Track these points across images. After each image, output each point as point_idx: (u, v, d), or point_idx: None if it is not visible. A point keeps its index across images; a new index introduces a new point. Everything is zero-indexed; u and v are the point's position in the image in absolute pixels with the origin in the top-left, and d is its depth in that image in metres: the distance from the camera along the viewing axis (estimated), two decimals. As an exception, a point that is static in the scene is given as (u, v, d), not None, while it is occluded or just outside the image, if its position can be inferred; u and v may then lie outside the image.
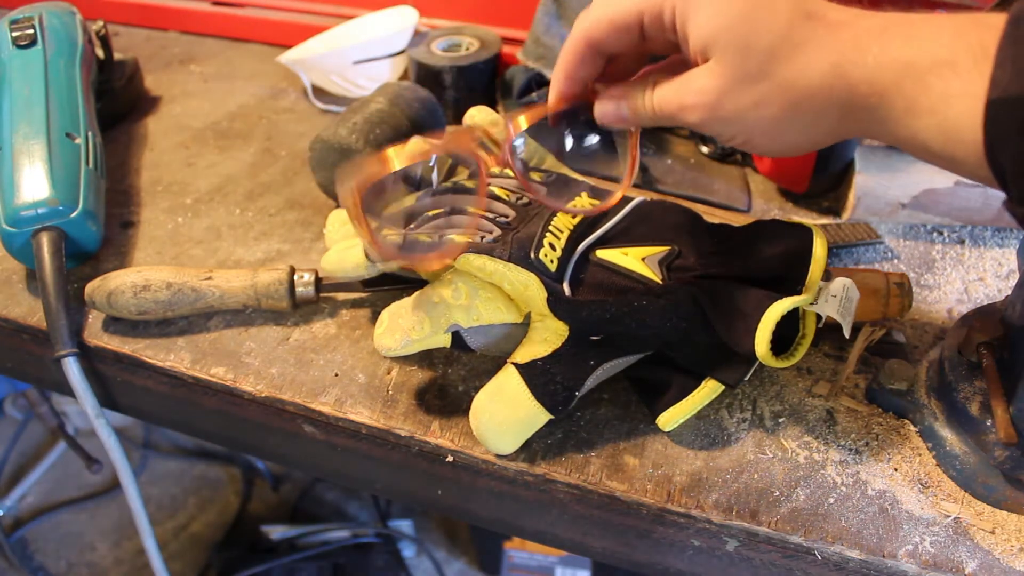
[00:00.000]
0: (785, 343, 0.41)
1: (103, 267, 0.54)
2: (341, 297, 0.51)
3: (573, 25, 0.39)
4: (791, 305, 0.38)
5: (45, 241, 0.48)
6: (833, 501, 0.39)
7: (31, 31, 0.59)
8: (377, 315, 0.47)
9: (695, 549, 0.41)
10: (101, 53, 0.68)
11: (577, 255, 0.42)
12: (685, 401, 0.41)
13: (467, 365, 0.46)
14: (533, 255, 0.40)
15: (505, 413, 0.39)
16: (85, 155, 0.54)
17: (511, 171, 0.42)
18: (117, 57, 0.71)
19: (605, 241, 0.44)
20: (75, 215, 0.50)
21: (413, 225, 0.43)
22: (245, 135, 0.69)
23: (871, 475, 0.40)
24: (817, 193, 0.60)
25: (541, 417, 0.40)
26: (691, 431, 0.42)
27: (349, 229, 0.51)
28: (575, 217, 0.45)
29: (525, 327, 0.42)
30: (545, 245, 0.41)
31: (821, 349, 0.47)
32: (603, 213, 0.47)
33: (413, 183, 0.48)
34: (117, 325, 0.49)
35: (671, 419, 0.41)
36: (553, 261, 0.41)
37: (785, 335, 0.40)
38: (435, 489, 0.46)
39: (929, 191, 0.55)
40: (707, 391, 0.41)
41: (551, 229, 0.42)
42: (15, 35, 0.58)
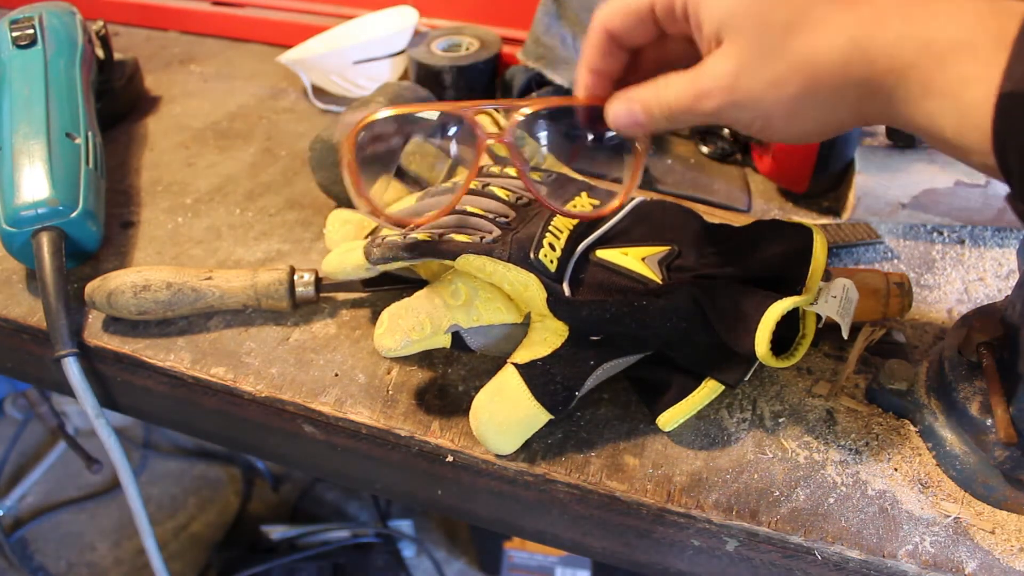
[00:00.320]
0: (785, 343, 0.41)
1: (103, 267, 0.54)
2: (341, 297, 0.51)
3: (592, 16, 0.38)
4: (791, 305, 0.38)
5: (45, 241, 0.48)
6: (833, 501, 0.39)
7: (31, 31, 0.59)
8: (377, 315, 0.47)
9: (695, 549, 0.41)
10: (101, 53, 0.68)
11: (577, 255, 0.42)
12: (685, 401, 0.41)
13: (467, 365, 0.46)
14: (533, 255, 0.40)
15: (505, 413, 0.39)
16: (85, 155, 0.54)
17: (512, 169, 0.42)
18: (117, 57, 0.71)
19: (605, 241, 0.44)
20: (75, 215, 0.50)
21: (412, 226, 0.43)
22: (245, 135, 0.69)
23: (871, 475, 0.40)
24: (817, 193, 0.60)
25: (541, 417, 0.40)
26: (691, 431, 0.42)
27: (349, 229, 0.51)
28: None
29: (525, 327, 0.42)
30: (545, 245, 0.41)
31: (821, 349, 0.47)
32: (603, 213, 0.47)
33: (413, 181, 0.48)
34: (117, 325, 0.49)
35: (671, 419, 0.41)
36: (553, 261, 0.41)
37: (785, 335, 0.40)
38: (435, 489, 0.46)
39: (929, 191, 0.55)
40: (707, 391, 0.41)
41: (551, 229, 0.42)
42: (15, 35, 0.58)
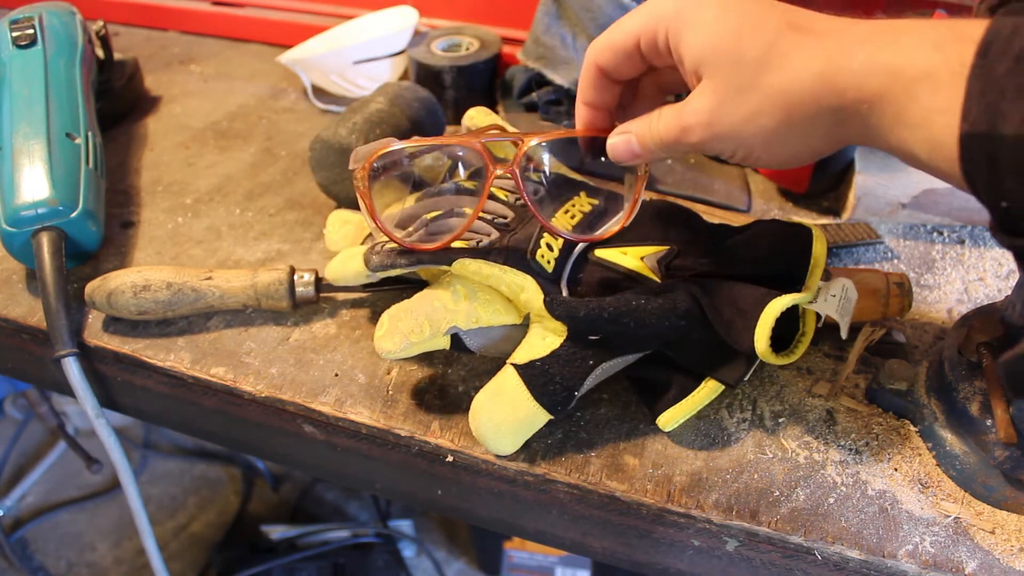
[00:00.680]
0: (784, 343, 0.41)
1: (103, 267, 0.54)
2: (341, 297, 0.51)
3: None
4: (791, 302, 0.38)
5: (45, 241, 0.48)
6: (833, 501, 0.39)
7: (31, 31, 0.59)
8: (377, 315, 0.47)
9: (695, 549, 0.41)
10: (101, 53, 0.68)
11: (576, 254, 0.42)
12: (685, 401, 0.41)
13: (467, 365, 0.46)
14: (529, 257, 0.40)
15: (504, 413, 0.39)
16: (85, 155, 0.54)
17: (514, 182, 0.42)
18: (117, 57, 0.71)
19: (604, 240, 0.44)
20: (75, 215, 0.50)
21: (412, 228, 0.43)
22: (245, 135, 0.69)
23: (871, 475, 0.40)
24: (817, 193, 0.60)
25: (540, 417, 0.40)
26: (691, 431, 0.42)
27: (349, 230, 0.51)
28: (573, 217, 0.45)
29: (524, 328, 0.42)
30: (542, 246, 0.41)
31: (821, 349, 0.47)
32: (602, 213, 0.47)
33: (412, 182, 0.48)
34: (117, 325, 0.49)
35: (671, 419, 0.41)
36: (550, 262, 0.41)
37: (784, 335, 0.40)
38: (435, 489, 0.46)
39: (929, 191, 0.55)
40: (707, 391, 0.41)
41: (550, 229, 0.42)
42: (15, 35, 0.58)
